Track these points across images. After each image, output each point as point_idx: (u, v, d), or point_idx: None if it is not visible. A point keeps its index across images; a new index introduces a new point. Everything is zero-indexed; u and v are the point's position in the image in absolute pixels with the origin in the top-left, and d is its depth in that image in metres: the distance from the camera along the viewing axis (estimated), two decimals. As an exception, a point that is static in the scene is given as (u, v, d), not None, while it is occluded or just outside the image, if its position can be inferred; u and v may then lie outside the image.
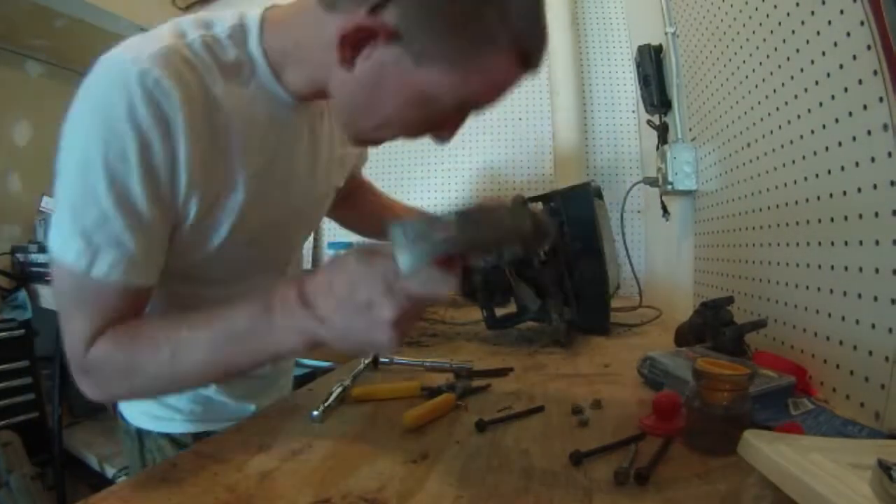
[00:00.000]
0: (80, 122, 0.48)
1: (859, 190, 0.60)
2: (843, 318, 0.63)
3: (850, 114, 0.61)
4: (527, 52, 0.49)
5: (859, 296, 0.60)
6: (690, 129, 1.28)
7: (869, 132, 0.58)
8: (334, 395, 0.61)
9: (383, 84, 0.49)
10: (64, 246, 0.49)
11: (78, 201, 0.48)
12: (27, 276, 1.99)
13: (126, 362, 0.51)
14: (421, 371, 0.75)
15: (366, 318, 0.43)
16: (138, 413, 0.75)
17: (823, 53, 0.67)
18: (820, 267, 0.69)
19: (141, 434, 0.74)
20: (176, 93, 0.48)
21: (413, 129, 0.54)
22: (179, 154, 0.49)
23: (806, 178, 0.72)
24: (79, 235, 0.48)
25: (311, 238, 1.92)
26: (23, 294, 1.92)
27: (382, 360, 0.77)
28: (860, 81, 0.59)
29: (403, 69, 0.47)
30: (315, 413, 0.56)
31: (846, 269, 0.63)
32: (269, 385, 0.83)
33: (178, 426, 0.73)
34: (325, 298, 0.45)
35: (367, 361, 0.75)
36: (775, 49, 0.80)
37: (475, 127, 1.82)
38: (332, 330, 0.45)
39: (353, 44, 0.47)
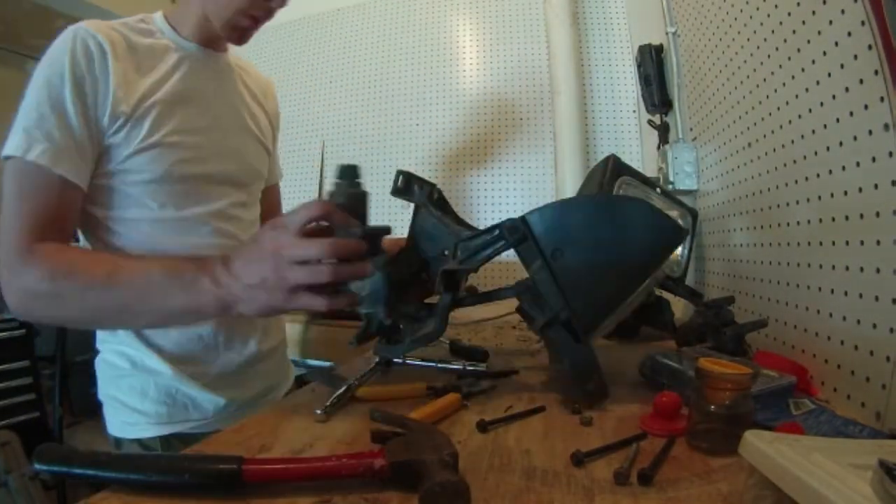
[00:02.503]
0: (38, 67, 0.67)
1: (860, 190, 0.60)
2: (844, 318, 0.63)
3: (851, 113, 0.61)
4: None
5: (860, 296, 0.60)
6: (691, 129, 1.28)
7: (870, 132, 0.58)
8: (337, 395, 0.61)
9: None
10: (10, 143, 0.64)
11: (25, 111, 0.65)
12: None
13: (68, 264, 0.62)
14: (433, 372, 0.74)
15: (264, 268, 0.54)
16: (114, 421, 0.78)
17: (824, 53, 0.67)
18: (821, 267, 0.69)
19: (118, 442, 0.77)
20: (101, 37, 0.69)
21: None
22: (108, 78, 0.68)
23: (807, 178, 0.72)
24: (22, 132, 0.64)
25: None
26: (23, 294, 1.92)
27: (395, 360, 0.75)
28: (861, 81, 0.59)
29: None
30: (318, 411, 0.56)
31: (847, 268, 0.63)
32: (239, 377, 0.82)
33: (145, 430, 0.75)
34: (239, 257, 0.57)
35: (376, 361, 0.74)
36: (776, 49, 0.80)
37: (476, 127, 1.82)
38: (240, 285, 0.56)
39: None
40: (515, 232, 0.60)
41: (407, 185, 0.70)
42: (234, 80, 0.88)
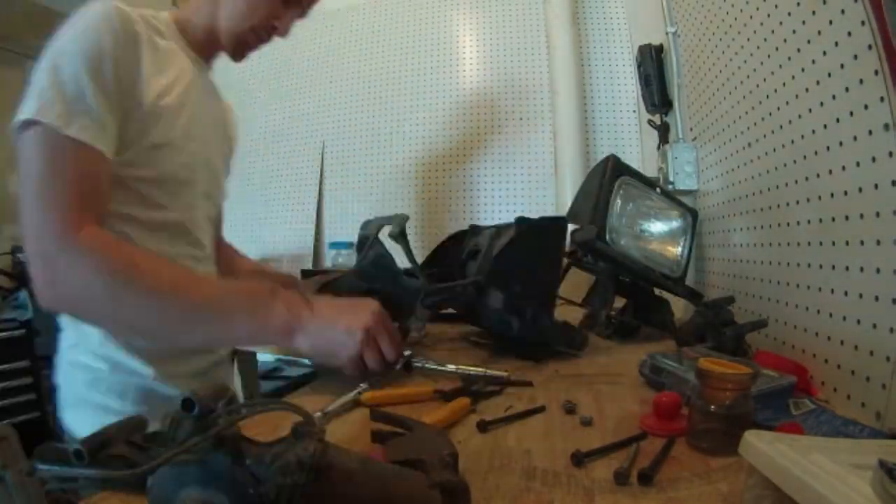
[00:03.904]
0: (63, 35, 0.63)
1: (860, 190, 0.60)
2: (844, 318, 0.63)
3: (851, 113, 0.61)
4: None
5: (860, 296, 0.60)
6: (691, 129, 1.28)
7: (870, 132, 0.58)
8: (344, 399, 0.60)
9: None
10: (44, 109, 0.58)
11: (59, 80, 0.60)
12: (28, 275, 1.98)
13: (129, 261, 0.58)
14: (452, 376, 0.71)
15: (349, 321, 0.62)
16: (89, 424, 0.74)
17: (824, 53, 0.67)
18: (821, 267, 0.69)
19: None
20: (134, 18, 0.68)
21: (266, 11, 0.78)
22: (140, 66, 0.68)
23: (807, 178, 0.72)
24: (59, 102, 0.59)
25: (311, 235, 1.93)
26: (23, 294, 1.92)
27: (416, 363, 0.74)
28: (861, 81, 0.59)
29: None
30: (318, 414, 0.56)
31: (847, 268, 0.63)
32: (206, 378, 0.83)
33: None
34: (325, 303, 0.64)
35: (398, 367, 0.72)
36: (776, 49, 0.80)
37: (477, 126, 1.82)
38: (316, 323, 0.61)
39: None
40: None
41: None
42: (217, 98, 0.90)
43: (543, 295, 0.82)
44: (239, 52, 0.83)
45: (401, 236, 0.75)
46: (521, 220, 0.80)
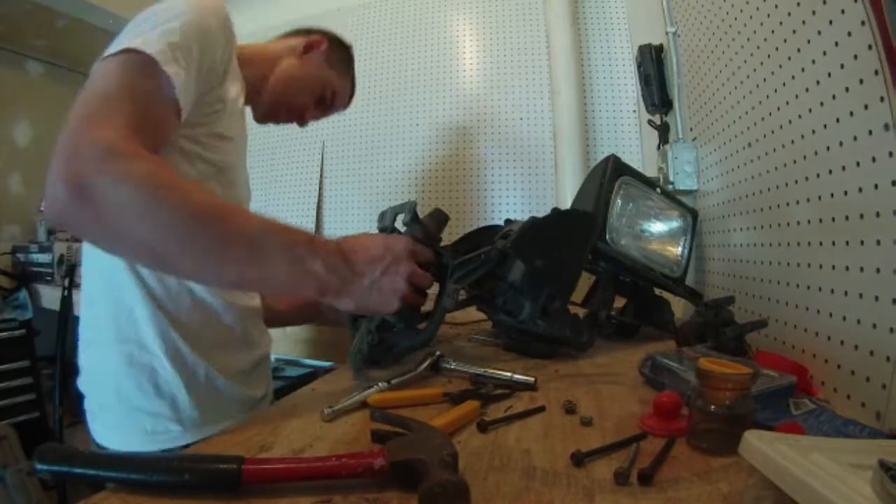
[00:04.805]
0: (168, 4, 0.64)
1: (860, 190, 0.60)
2: (845, 318, 0.63)
3: (851, 113, 0.61)
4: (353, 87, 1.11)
5: (860, 296, 0.60)
6: (691, 129, 1.28)
7: (870, 132, 0.58)
8: (352, 399, 0.59)
9: (311, 69, 0.97)
10: (149, 44, 0.57)
11: (170, 30, 0.60)
12: (28, 275, 1.99)
13: (176, 181, 0.53)
14: (464, 379, 0.71)
15: (389, 277, 0.62)
16: (126, 432, 0.70)
17: (824, 53, 0.67)
18: (821, 267, 0.69)
19: None
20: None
21: (308, 100, 0.99)
22: (232, 58, 0.73)
23: (807, 178, 0.72)
24: (167, 44, 0.58)
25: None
26: (23, 294, 1.92)
27: (444, 365, 0.73)
28: (861, 81, 0.59)
29: (323, 64, 0.99)
30: (326, 411, 0.56)
31: (847, 268, 0.63)
32: (252, 375, 0.83)
33: (174, 439, 0.70)
34: (362, 256, 0.61)
35: (423, 367, 0.72)
36: (776, 48, 0.80)
37: (476, 126, 1.82)
38: (360, 284, 0.60)
39: (308, 47, 0.97)
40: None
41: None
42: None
43: (562, 281, 0.82)
44: (265, 115, 0.93)
45: (414, 221, 0.76)
46: (557, 210, 0.84)
